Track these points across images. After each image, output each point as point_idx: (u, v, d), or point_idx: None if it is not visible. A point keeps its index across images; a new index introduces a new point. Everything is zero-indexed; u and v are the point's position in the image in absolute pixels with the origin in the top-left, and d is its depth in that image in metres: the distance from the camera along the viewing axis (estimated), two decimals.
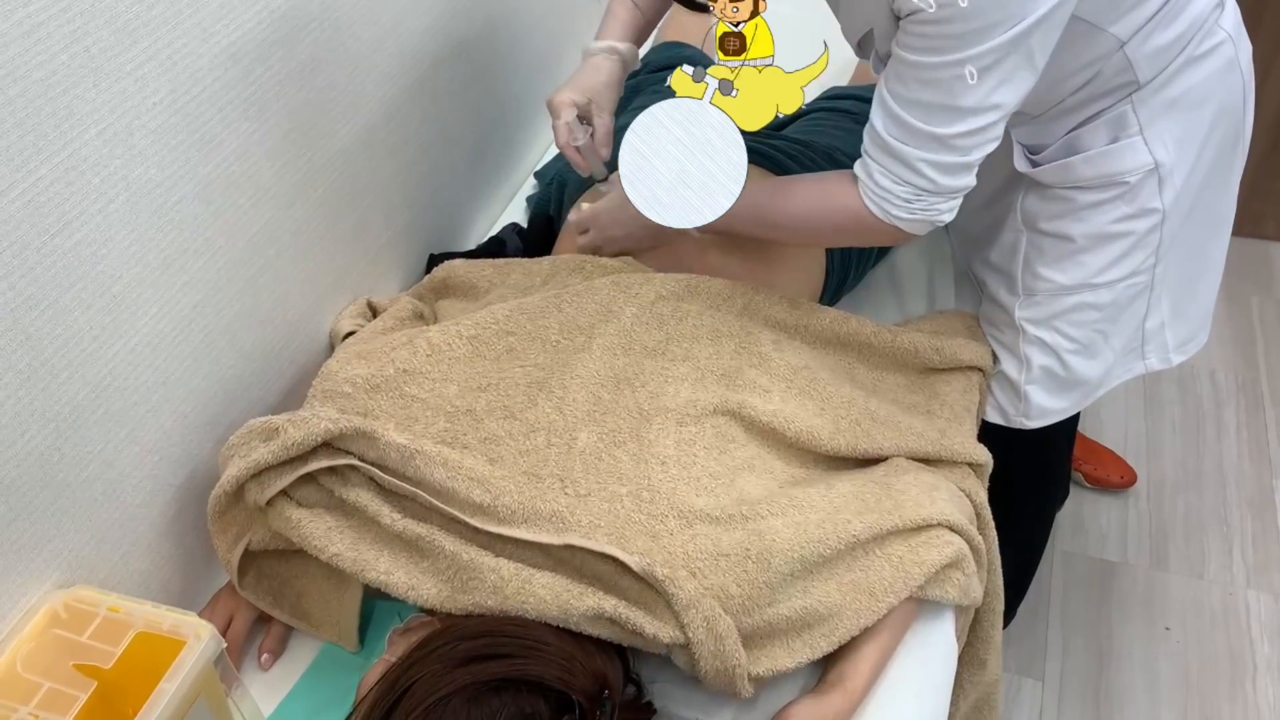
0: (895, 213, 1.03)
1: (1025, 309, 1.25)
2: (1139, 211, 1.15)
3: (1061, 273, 1.21)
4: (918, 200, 1.02)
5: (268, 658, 1.05)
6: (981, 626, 1.18)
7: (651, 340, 1.09)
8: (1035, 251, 1.23)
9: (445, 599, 0.92)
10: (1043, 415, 1.31)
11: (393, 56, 1.28)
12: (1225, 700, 1.74)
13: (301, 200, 1.15)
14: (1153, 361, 1.30)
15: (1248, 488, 2.07)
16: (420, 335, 1.09)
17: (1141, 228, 1.16)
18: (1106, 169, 1.13)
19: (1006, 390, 1.31)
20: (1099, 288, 1.21)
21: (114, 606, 0.89)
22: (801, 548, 0.93)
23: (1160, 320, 1.26)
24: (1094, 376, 1.28)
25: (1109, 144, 1.13)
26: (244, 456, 0.97)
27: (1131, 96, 1.10)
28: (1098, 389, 1.31)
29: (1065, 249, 1.20)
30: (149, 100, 0.91)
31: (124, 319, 0.94)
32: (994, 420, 1.33)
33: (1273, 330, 2.40)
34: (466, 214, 1.59)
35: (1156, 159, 1.12)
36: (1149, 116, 1.11)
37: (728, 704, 0.99)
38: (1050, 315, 1.24)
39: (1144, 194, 1.14)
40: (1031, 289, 1.24)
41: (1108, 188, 1.15)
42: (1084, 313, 1.23)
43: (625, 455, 0.98)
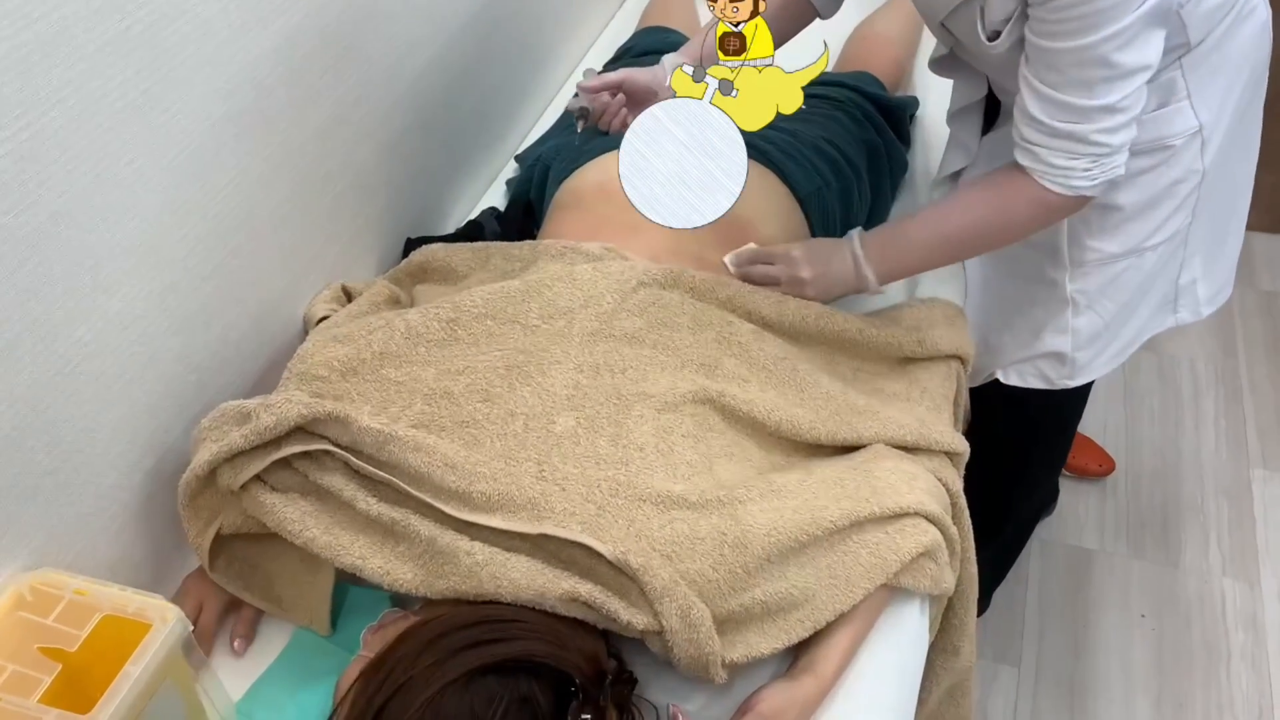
0: (1080, 184, 1.06)
1: (1076, 280, 1.28)
2: (1184, 174, 1.19)
3: (1111, 241, 1.24)
4: (1097, 166, 1.05)
5: (240, 643, 1.05)
6: (956, 614, 1.18)
7: (632, 327, 1.08)
8: (1081, 223, 1.25)
9: (421, 583, 0.92)
10: (1086, 373, 1.36)
11: (369, 37, 1.26)
12: (1199, 687, 1.75)
13: (276, 181, 1.14)
14: (1184, 314, 1.36)
15: (1225, 477, 2.09)
16: (398, 318, 1.08)
17: (1185, 190, 1.20)
18: (1155, 133, 1.16)
19: (1049, 362, 1.33)
20: (1145, 251, 1.24)
21: (80, 589, 0.88)
22: (779, 533, 0.93)
23: (1193, 276, 1.31)
24: (1132, 333, 1.33)
25: (1157, 109, 1.15)
26: (216, 440, 0.97)
27: (1181, 61, 1.12)
28: (1134, 344, 1.36)
29: (1114, 218, 1.22)
30: (115, 79, 0.89)
31: (92, 300, 0.92)
32: (1037, 385, 1.37)
33: (1253, 321, 2.41)
34: (444, 198, 1.57)
35: (1201, 121, 1.15)
36: (1197, 82, 1.14)
37: (701, 688, 0.99)
38: (1103, 284, 1.28)
39: (1188, 156, 1.18)
40: (1080, 260, 1.27)
41: (1155, 152, 1.17)
42: (1131, 275, 1.26)
43: (604, 440, 0.97)
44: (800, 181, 1.37)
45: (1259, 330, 2.39)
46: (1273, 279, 2.51)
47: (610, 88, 1.34)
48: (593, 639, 0.90)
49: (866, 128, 1.52)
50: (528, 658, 0.83)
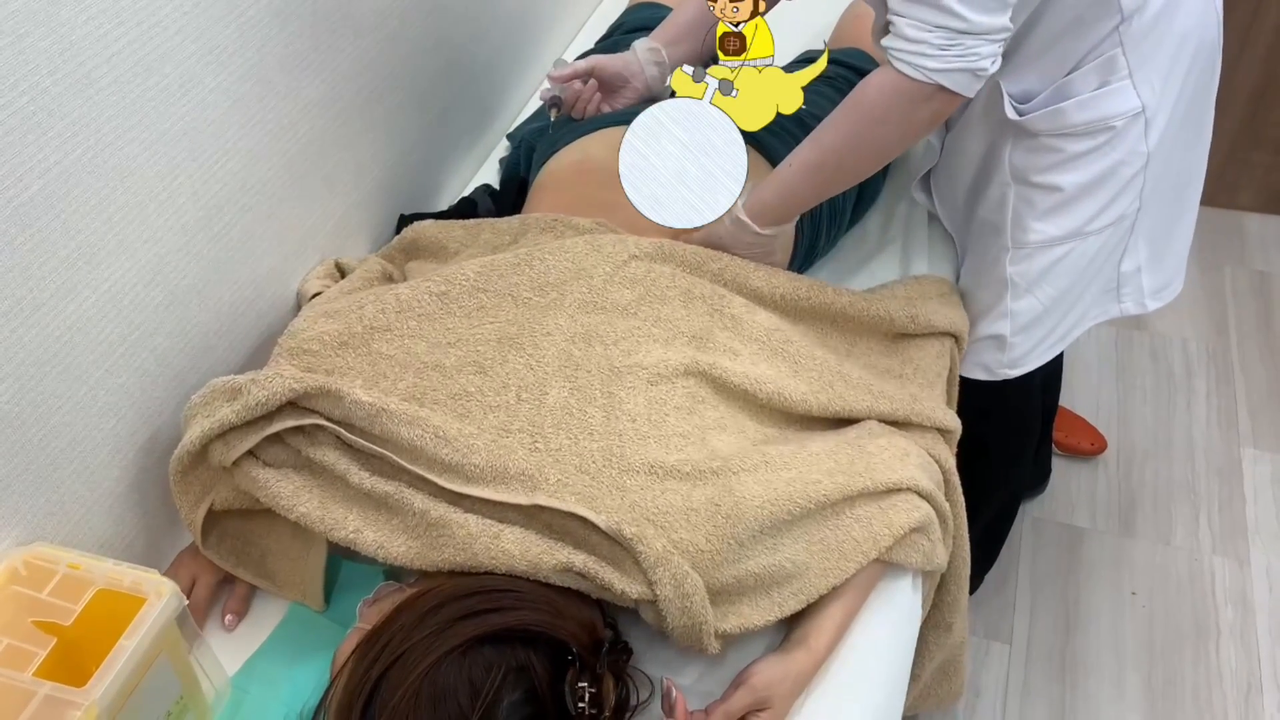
0: (931, 65, 0.97)
1: (1016, 263, 1.26)
2: (1127, 156, 1.16)
3: (1052, 224, 1.22)
4: (953, 45, 0.96)
5: (232, 619, 1.05)
6: (948, 591, 1.19)
7: (623, 299, 1.08)
8: (1025, 205, 1.24)
9: (415, 556, 0.92)
10: (1025, 362, 1.33)
11: (363, 9, 1.25)
12: (1189, 664, 1.77)
13: (268, 155, 1.13)
14: (1129, 305, 1.33)
15: (1216, 456, 2.10)
16: (389, 291, 1.07)
17: (1128, 173, 1.18)
18: (1097, 113, 1.14)
19: (990, 347, 1.32)
20: (1088, 235, 1.22)
21: (74, 563, 0.88)
22: (772, 505, 0.93)
23: (1136, 264, 1.28)
24: (1073, 319, 1.30)
25: (1098, 88, 1.13)
26: (208, 416, 0.96)
27: (1120, 36, 1.10)
28: (1075, 330, 1.33)
29: (1055, 200, 1.21)
30: (107, 52, 0.89)
31: (85, 273, 0.92)
32: (977, 377, 1.34)
33: (1244, 301, 2.42)
34: (438, 175, 1.57)
35: (1143, 101, 1.13)
36: (1138, 59, 1.11)
37: (694, 661, 1.00)
38: (1041, 268, 1.26)
39: (1131, 138, 1.15)
40: (1021, 242, 1.25)
41: (1097, 134, 1.15)
42: (1072, 260, 1.24)
43: (596, 411, 0.97)
44: (781, 154, 1.37)
45: (1251, 310, 2.40)
46: (1265, 259, 2.52)
47: (580, 75, 1.35)
48: (588, 608, 0.90)
49: None
50: (524, 627, 0.84)
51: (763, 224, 1.15)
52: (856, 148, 1.09)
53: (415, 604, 0.87)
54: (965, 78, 0.99)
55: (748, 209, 1.15)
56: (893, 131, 1.07)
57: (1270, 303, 2.41)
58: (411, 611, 0.86)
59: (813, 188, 1.14)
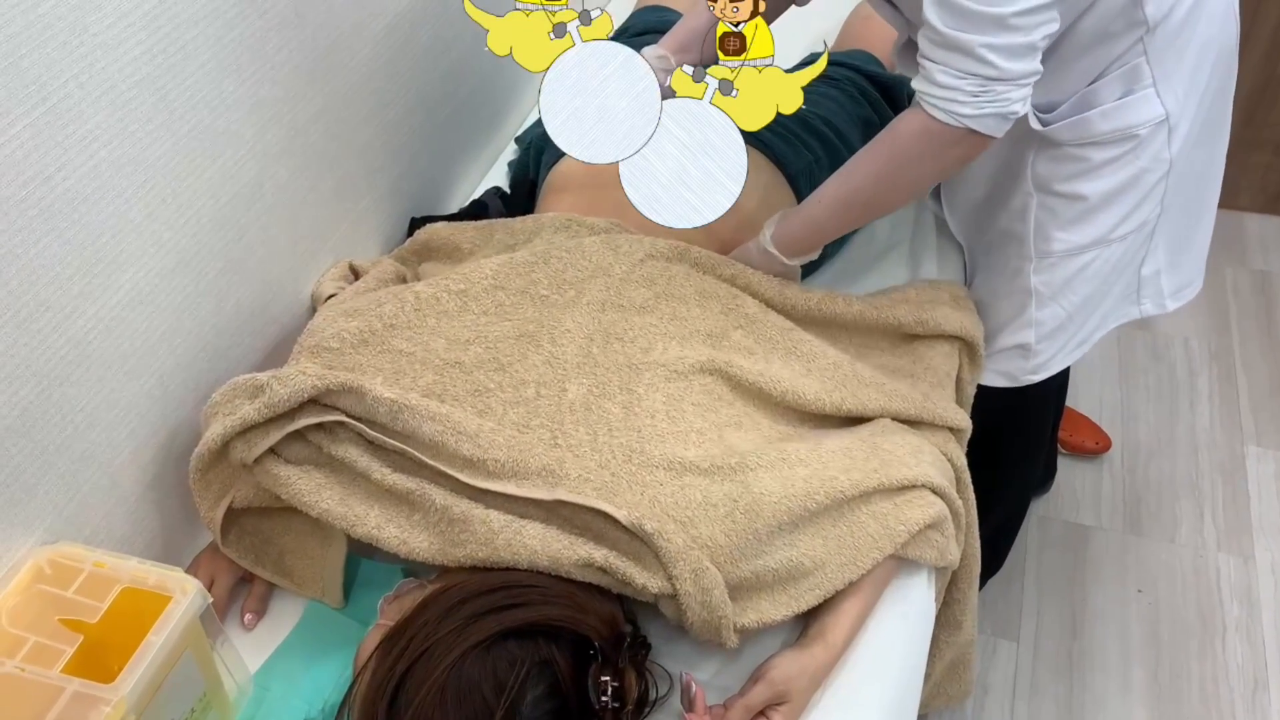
0: (963, 111, 0.99)
1: (1040, 273, 1.26)
2: (1150, 163, 1.17)
3: (1076, 233, 1.22)
4: (985, 92, 0.98)
5: (251, 618, 1.05)
6: (958, 588, 1.20)
7: (640, 298, 1.09)
8: (1047, 214, 1.24)
9: (437, 552, 0.93)
10: (1049, 367, 1.33)
11: (375, 16, 1.26)
12: (1195, 660, 1.77)
13: (284, 160, 1.14)
14: (1149, 306, 1.33)
15: (1219, 454, 2.11)
16: (408, 290, 1.08)
17: (1151, 180, 1.18)
18: (1121, 122, 1.14)
19: (1014, 355, 1.32)
20: (1112, 243, 1.22)
21: (99, 562, 0.89)
22: (789, 501, 0.94)
23: (1156, 267, 1.28)
24: (1094, 323, 1.31)
25: (1122, 97, 1.13)
26: (229, 414, 0.97)
27: (1145, 46, 1.10)
28: (1096, 333, 1.33)
29: (1079, 209, 1.21)
30: (130, 54, 0.89)
31: (106, 275, 0.93)
32: (999, 384, 1.34)
33: (1246, 300, 2.43)
34: (448, 178, 1.58)
35: (1167, 109, 1.13)
36: (1162, 69, 1.12)
37: (712, 657, 1.01)
38: (1065, 277, 1.26)
39: (1154, 145, 1.16)
40: (1045, 251, 1.25)
41: (1121, 142, 1.15)
42: (1096, 267, 1.25)
43: (615, 407, 0.98)
44: (790, 159, 1.37)
45: (1251, 309, 2.41)
46: (1265, 258, 2.53)
47: None
48: (609, 603, 0.91)
49: (862, 104, 1.52)
50: (547, 622, 0.84)
51: (789, 255, 1.18)
52: (887, 187, 1.12)
53: (438, 600, 0.87)
54: (995, 121, 1.01)
55: (776, 242, 1.17)
56: (923, 171, 1.09)
57: (1271, 301, 2.43)
58: (435, 607, 0.86)
59: (841, 223, 1.18)
